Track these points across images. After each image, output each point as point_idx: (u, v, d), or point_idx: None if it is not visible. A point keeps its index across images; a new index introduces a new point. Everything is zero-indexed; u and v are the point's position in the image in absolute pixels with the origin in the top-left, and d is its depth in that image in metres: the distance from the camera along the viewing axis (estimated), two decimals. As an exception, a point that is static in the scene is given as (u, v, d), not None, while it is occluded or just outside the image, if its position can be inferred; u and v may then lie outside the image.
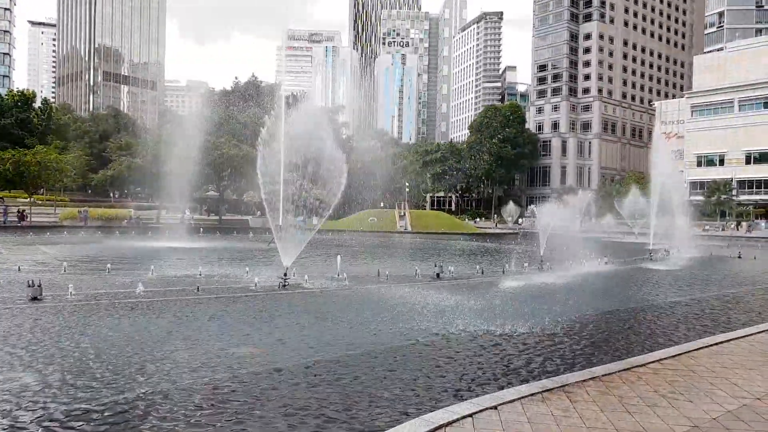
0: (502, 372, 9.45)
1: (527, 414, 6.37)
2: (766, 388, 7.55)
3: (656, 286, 22.24)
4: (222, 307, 15.33)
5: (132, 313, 13.98)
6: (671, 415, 6.45)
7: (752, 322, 13.70)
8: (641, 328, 13.89)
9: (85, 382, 8.45)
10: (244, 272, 21.34)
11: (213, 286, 18.75)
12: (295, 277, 19.82)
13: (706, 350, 9.73)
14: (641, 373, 8.19)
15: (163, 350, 10.43)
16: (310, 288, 18.66)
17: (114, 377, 8.73)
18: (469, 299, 16.96)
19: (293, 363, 9.76)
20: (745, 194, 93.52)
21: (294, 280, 19.40)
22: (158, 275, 21.15)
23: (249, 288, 18.23)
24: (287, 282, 18.83)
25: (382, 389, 8.42)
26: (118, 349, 10.44)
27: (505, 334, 12.27)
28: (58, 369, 9.08)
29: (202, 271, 21.40)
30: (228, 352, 10.39)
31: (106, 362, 9.52)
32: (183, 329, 12.40)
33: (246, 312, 14.92)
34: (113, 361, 9.64)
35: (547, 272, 25.49)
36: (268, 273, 21.01)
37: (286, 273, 19.19)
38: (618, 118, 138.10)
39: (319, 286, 19.14)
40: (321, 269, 23.54)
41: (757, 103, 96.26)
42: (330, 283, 19.86)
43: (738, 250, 41.52)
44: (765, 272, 29.08)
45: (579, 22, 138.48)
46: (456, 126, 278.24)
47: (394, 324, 13.11)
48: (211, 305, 15.47)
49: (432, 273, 22.99)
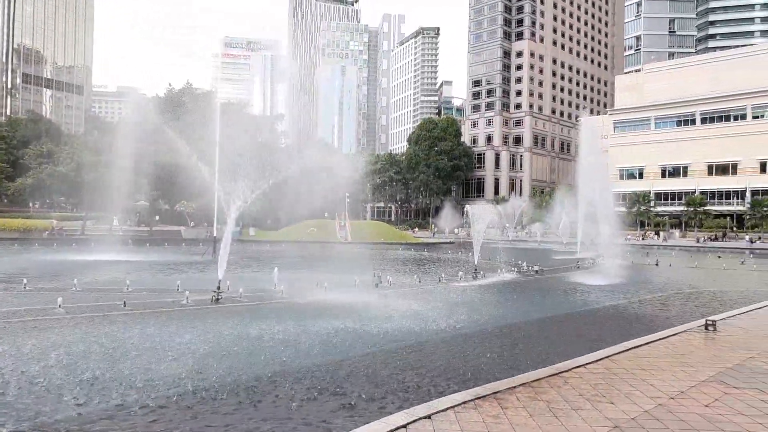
0: (438, 379, 9.61)
1: (460, 422, 6.52)
2: (679, 388, 8.07)
3: (583, 293, 23.24)
4: (150, 322, 14.77)
5: (48, 332, 13.24)
6: (594, 417, 6.78)
7: (668, 325, 14.56)
8: (569, 333, 14.48)
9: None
10: (175, 286, 20.66)
11: (141, 301, 18.03)
12: (229, 290, 19.38)
13: (627, 353, 10.29)
14: (568, 378, 8.55)
15: (84, 369, 9.95)
16: (244, 301, 18.29)
17: (31, 400, 8.26)
18: (407, 308, 17.13)
19: (222, 382, 9.55)
20: (661, 206, 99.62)
21: (228, 294, 18.97)
22: (81, 290, 20.13)
23: (180, 302, 17.65)
24: (220, 295, 18.38)
25: (314, 406, 8.38)
26: (37, 364, 9.88)
27: (442, 341, 12.48)
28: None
29: (130, 285, 20.54)
30: (151, 369, 10.03)
31: (18, 383, 8.99)
32: (105, 347, 11.85)
33: (175, 328, 14.42)
34: (26, 381, 9.11)
35: (480, 280, 26.13)
36: (201, 286, 20.44)
37: (219, 286, 18.73)
38: (548, 133, 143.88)
39: (254, 298, 18.80)
40: (258, 281, 23.13)
41: (671, 121, 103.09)
42: (265, 296, 19.55)
43: (656, 258, 44.08)
44: (679, 278, 30.97)
45: (512, 40, 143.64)
46: (395, 138, 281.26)
47: (328, 337, 13.07)
48: (138, 321, 14.88)
49: (371, 283, 23.08)
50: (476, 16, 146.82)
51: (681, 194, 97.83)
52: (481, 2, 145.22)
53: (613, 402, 7.38)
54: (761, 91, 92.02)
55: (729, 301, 21.09)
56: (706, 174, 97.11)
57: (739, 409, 7.14)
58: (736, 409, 7.14)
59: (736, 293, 23.57)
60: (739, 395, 7.74)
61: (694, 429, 6.43)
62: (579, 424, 6.53)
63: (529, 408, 7.07)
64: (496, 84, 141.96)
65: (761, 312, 15.79)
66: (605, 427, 6.44)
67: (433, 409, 6.87)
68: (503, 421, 6.59)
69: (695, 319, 14.68)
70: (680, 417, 6.82)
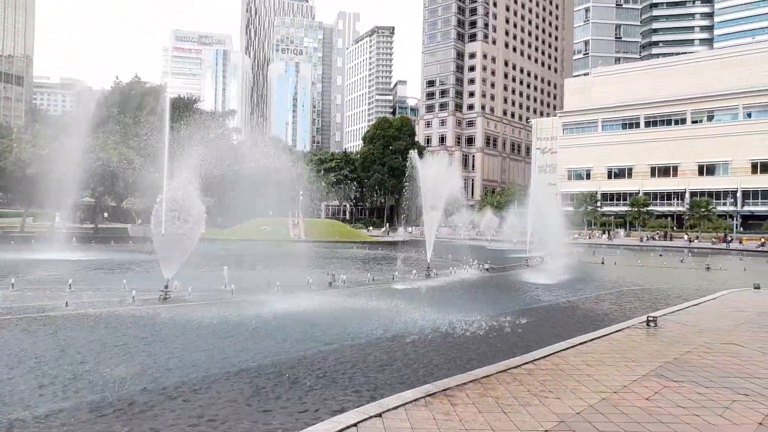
0: (390, 378, 9.63)
1: (410, 420, 6.55)
2: (622, 383, 8.36)
3: (532, 291, 23.78)
4: (94, 323, 14.25)
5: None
6: (541, 413, 6.94)
7: (612, 322, 15.09)
8: (518, 329, 14.78)
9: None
10: (121, 285, 19.99)
11: (84, 301, 17.36)
12: (177, 290, 18.89)
13: (573, 350, 10.59)
14: (516, 374, 8.73)
15: (19, 372, 9.50)
16: (193, 301, 17.87)
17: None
18: (360, 306, 17.11)
19: (169, 383, 9.30)
20: (607, 206, 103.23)
21: (177, 293, 18.49)
22: (19, 290, 19.22)
23: (125, 302, 17.09)
24: (168, 295, 17.91)
25: (265, 405, 8.27)
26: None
27: (393, 339, 12.53)
28: None
29: (72, 285, 19.73)
30: (95, 372, 9.68)
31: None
32: (46, 349, 11.36)
33: (120, 328, 13.94)
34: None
35: (433, 278, 26.39)
36: (148, 285, 19.85)
37: (167, 285, 18.25)
38: (499, 134, 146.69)
39: (204, 298, 18.38)
40: (208, 281, 22.60)
41: (617, 124, 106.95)
42: (215, 296, 19.14)
43: (602, 256, 45.60)
44: (623, 276, 32.13)
45: (465, 41, 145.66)
46: (350, 136, 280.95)
47: (281, 336, 12.92)
48: (80, 321, 14.32)
49: (325, 281, 22.94)
50: (430, 16, 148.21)
51: (626, 195, 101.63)
52: (435, 3, 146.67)
53: (559, 397, 7.57)
54: (699, 97, 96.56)
55: (669, 298, 22.00)
56: (649, 176, 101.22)
57: (677, 402, 7.45)
58: (674, 402, 7.44)
59: (676, 290, 24.63)
60: (677, 388, 8.08)
61: (635, 422, 6.67)
62: (527, 420, 6.66)
63: (478, 404, 7.17)
64: (450, 84, 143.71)
65: (698, 308, 16.55)
66: (551, 422, 6.60)
67: (384, 408, 6.88)
68: (453, 417, 6.66)
69: (638, 316, 15.25)
70: (622, 410, 7.07)
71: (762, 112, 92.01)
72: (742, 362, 9.82)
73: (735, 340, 11.79)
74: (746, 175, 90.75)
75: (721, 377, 8.76)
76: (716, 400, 7.58)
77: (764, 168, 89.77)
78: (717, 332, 12.60)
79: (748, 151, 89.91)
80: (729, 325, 13.51)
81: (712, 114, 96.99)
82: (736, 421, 6.74)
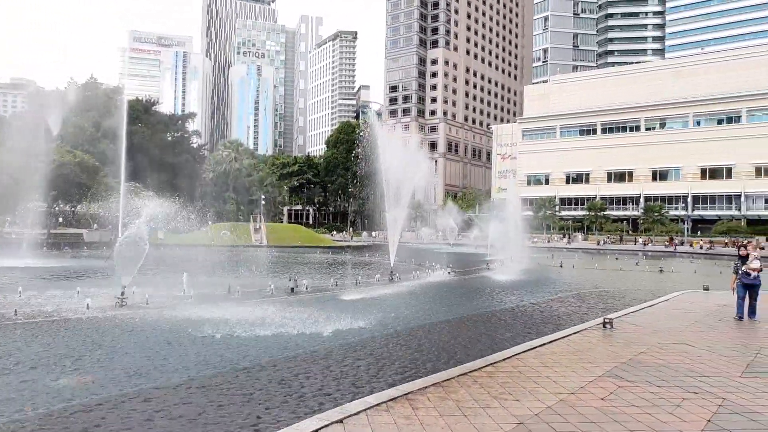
0: (352, 383, 9.60)
1: (372, 425, 6.55)
2: (579, 383, 8.55)
3: (492, 294, 24.10)
4: (44, 332, 13.74)
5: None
6: (501, 415, 7.04)
7: (570, 324, 15.43)
8: (479, 332, 14.96)
9: None
10: (75, 292, 19.35)
11: (35, 309, 16.72)
12: (135, 297, 18.42)
13: (532, 352, 10.78)
14: (477, 377, 8.83)
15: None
16: (151, 308, 17.44)
17: None
18: (322, 312, 17.00)
19: (122, 392, 9.05)
20: (565, 210, 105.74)
21: (133, 300, 18.02)
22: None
23: (79, 310, 16.54)
24: (125, 302, 17.43)
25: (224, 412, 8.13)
26: None
27: (356, 344, 12.50)
28: None
29: (22, 292, 19.00)
30: (45, 383, 9.34)
31: None
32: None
33: (73, 337, 13.49)
34: None
35: (396, 283, 26.48)
36: (104, 292, 19.28)
37: (124, 292, 17.77)
38: (461, 140, 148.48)
39: (161, 305, 17.96)
40: (166, 287, 22.08)
41: (575, 131, 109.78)
42: (174, 302, 18.72)
43: (560, 259, 46.63)
44: (581, 279, 32.90)
45: (427, 47, 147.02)
46: (313, 140, 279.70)
47: (239, 343, 12.74)
48: (30, 330, 13.80)
49: (287, 287, 22.71)
50: (393, 22, 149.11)
51: (583, 199, 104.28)
52: (398, 9, 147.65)
53: (518, 399, 7.69)
54: (652, 105, 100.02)
55: (625, 299, 22.64)
56: (606, 181, 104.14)
57: (631, 401, 7.67)
58: (628, 401, 7.66)
59: (631, 292, 25.36)
60: (631, 388, 8.33)
61: (591, 422, 6.83)
62: (487, 422, 6.75)
63: (439, 408, 7.22)
64: (413, 90, 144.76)
65: (652, 310, 17.10)
66: (510, 424, 6.71)
67: (345, 413, 6.86)
68: (414, 421, 6.69)
69: (595, 318, 15.64)
70: (579, 411, 7.23)
71: (710, 120, 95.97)
72: (692, 361, 10.19)
73: (685, 340, 12.23)
74: (696, 180, 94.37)
75: (672, 376, 9.06)
76: (667, 398, 7.84)
77: (712, 174, 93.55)
78: (669, 333, 13.03)
79: (698, 158, 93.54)
80: (680, 326, 14.00)
81: (664, 122, 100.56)
82: (686, 419, 6.99)
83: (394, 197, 29.55)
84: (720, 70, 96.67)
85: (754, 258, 14.74)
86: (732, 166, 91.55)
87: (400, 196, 30.07)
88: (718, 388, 8.42)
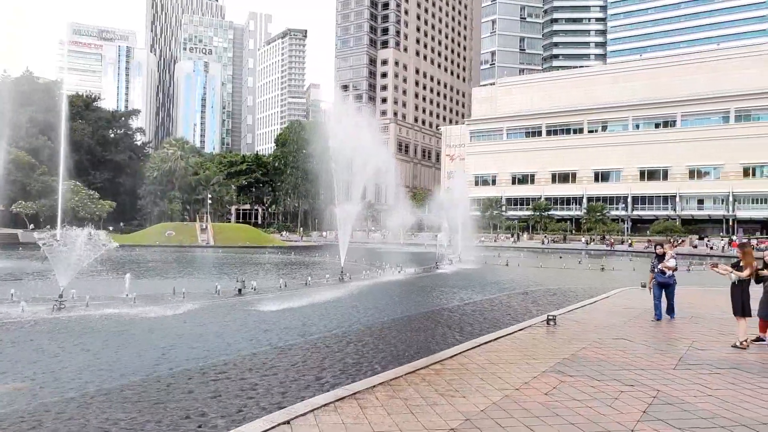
0: (300, 384, 9.51)
1: (320, 425, 6.50)
2: (523, 379, 8.76)
3: (441, 293, 24.40)
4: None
5: None
6: (448, 412, 7.12)
7: (516, 321, 15.79)
8: (427, 330, 15.12)
9: None
10: (9, 294, 18.37)
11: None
12: (74, 299, 17.66)
13: (478, 349, 10.97)
14: (425, 375, 8.91)
15: None
16: (90, 310, 16.77)
17: None
18: (269, 315, 16.79)
19: (64, 397, 8.67)
20: (511, 210, 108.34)
21: (73, 303, 17.27)
22: None
23: (11, 315, 15.71)
24: (63, 305, 16.69)
25: (163, 417, 7.90)
26: None
27: (307, 345, 12.39)
28: None
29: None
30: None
31: None
32: None
33: (7, 342, 12.83)
34: None
35: (347, 283, 26.41)
36: (40, 294, 18.39)
37: (62, 294, 17.00)
38: (411, 140, 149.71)
39: (102, 307, 17.29)
40: (107, 289, 21.27)
41: (521, 133, 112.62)
42: (115, 305, 18.05)
43: (506, 258, 47.70)
44: (526, 277, 33.74)
45: (377, 47, 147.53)
46: (262, 138, 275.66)
47: (183, 346, 12.42)
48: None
49: (233, 289, 22.27)
50: (343, 21, 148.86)
51: (529, 200, 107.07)
52: (348, 8, 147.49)
53: (465, 396, 7.80)
54: (594, 108, 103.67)
55: (568, 297, 23.35)
56: (550, 182, 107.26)
57: (572, 395, 7.91)
58: (569, 396, 7.90)
59: (574, 290, 26.19)
60: (573, 383, 8.59)
61: (534, 416, 7.00)
62: (434, 419, 6.81)
63: (387, 406, 7.24)
64: (363, 90, 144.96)
65: (593, 306, 17.71)
66: (457, 421, 6.79)
67: (292, 414, 6.78)
68: (362, 421, 6.68)
69: (539, 315, 16.06)
70: (523, 406, 7.40)
71: (648, 124, 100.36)
72: (629, 356, 10.61)
73: (624, 335, 12.72)
74: (636, 182, 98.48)
75: (611, 370, 9.41)
76: (606, 391, 8.14)
77: (650, 176, 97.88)
78: (609, 329, 13.53)
79: (637, 160, 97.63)
80: (619, 322, 14.56)
81: (606, 124, 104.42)
82: (623, 411, 7.26)
83: (345, 194, 29.53)
84: (656, 75, 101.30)
85: (670, 257, 14.69)
86: (668, 169, 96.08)
87: (352, 194, 30.08)
88: (653, 380, 8.80)
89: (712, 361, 10.20)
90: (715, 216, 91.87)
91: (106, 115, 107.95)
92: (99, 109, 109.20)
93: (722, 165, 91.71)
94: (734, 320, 11.77)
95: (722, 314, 15.07)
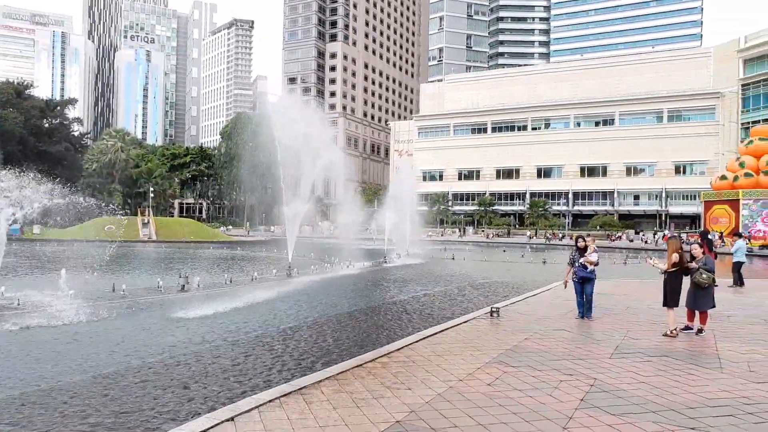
0: (244, 380, 9.37)
1: (264, 422, 6.43)
2: (467, 371, 8.94)
3: (387, 287, 24.58)
4: None
5: None
6: (393, 404, 7.19)
7: (461, 313, 16.06)
8: (374, 324, 15.18)
9: None
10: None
11: None
12: (3, 298, 16.76)
13: (424, 341, 11.11)
14: (371, 368, 8.95)
15: None
16: (25, 309, 15.96)
17: None
18: (211, 310, 16.44)
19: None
20: (458, 205, 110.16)
21: (2, 302, 16.38)
22: None
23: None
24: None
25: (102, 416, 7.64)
26: None
27: (251, 340, 12.22)
28: None
29: None
30: None
31: None
32: None
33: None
34: None
35: (295, 278, 26.18)
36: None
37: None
38: (360, 135, 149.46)
39: (36, 307, 16.47)
40: (40, 286, 20.27)
41: (467, 129, 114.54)
42: (49, 301, 17.23)
43: (452, 252, 48.47)
44: (471, 270, 34.36)
45: (326, 40, 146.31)
46: (207, 130, 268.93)
47: (120, 346, 12.01)
48: None
49: (176, 285, 21.67)
50: (291, 13, 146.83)
51: (474, 195, 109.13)
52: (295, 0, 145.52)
53: (410, 388, 7.90)
54: (537, 106, 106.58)
55: (511, 289, 23.95)
56: (495, 178, 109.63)
57: (514, 385, 8.14)
58: (512, 386, 8.12)
59: (517, 283, 26.88)
60: (515, 373, 8.83)
61: (477, 407, 7.16)
62: (379, 412, 6.86)
63: (333, 401, 7.24)
64: (311, 83, 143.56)
65: (536, 298, 18.24)
66: (402, 413, 6.87)
67: (236, 411, 6.68)
68: (308, 416, 6.65)
69: (483, 307, 16.39)
70: (467, 397, 7.56)
71: (588, 122, 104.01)
72: (569, 346, 11.00)
73: (564, 326, 13.17)
74: (576, 178, 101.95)
75: (551, 360, 9.73)
76: (547, 381, 8.41)
77: (590, 172, 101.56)
78: (550, 320, 13.97)
79: (578, 157, 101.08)
80: (560, 313, 15.05)
81: (548, 122, 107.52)
82: (563, 399, 7.53)
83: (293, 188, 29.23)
84: (597, 75, 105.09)
85: (593, 251, 14.08)
86: (607, 165, 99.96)
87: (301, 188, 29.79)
88: (590, 369, 9.15)
89: (645, 350, 10.71)
90: (649, 211, 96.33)
91: (39, 103, 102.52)
92: (32, 97, 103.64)
93: (656, 162, 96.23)
94: (665, 310, 12.39)
95: (655, 304, 15.80)
